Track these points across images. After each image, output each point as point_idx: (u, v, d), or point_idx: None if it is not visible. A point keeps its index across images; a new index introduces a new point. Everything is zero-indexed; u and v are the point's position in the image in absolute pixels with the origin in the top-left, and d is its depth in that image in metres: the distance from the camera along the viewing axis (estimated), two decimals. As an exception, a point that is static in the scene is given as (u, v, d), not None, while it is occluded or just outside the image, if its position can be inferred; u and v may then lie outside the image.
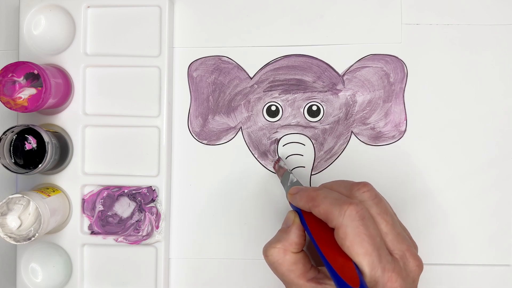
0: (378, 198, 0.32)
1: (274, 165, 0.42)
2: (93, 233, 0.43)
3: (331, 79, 0.43)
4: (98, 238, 0.42)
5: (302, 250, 0.33)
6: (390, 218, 0.31)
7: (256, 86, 0.43)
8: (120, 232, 0.42)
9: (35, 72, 0.38)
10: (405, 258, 0.30)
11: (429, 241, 0.42)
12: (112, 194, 0.43)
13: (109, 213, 0.43)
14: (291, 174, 0.39)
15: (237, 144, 0.43)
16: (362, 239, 0.29)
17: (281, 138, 0.43)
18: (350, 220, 0.29)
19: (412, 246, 0.31)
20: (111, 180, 0.43)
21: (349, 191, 0.32)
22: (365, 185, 0.32)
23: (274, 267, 0.33)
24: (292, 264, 0.32)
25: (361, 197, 0.32)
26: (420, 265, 0.31)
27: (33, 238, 0.37)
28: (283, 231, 0.34)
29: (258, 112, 0.43)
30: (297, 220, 0.34)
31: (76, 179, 0.42)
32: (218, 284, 0.43)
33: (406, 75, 0.43)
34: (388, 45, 0.43)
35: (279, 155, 0.43)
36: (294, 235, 0.33)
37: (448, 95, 0.43)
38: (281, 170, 0.41)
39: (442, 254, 0.42)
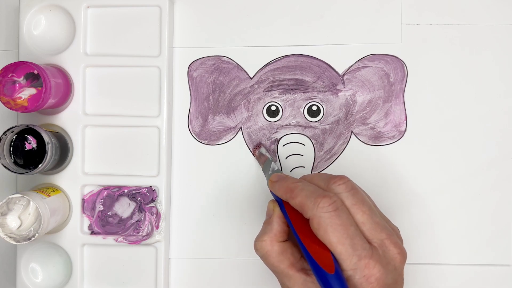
0: (354, 190, 0.32)
1: (254, 151, 0.42)
2: (93, 233, 0.43)
3: (331, 79, 0.43)
4: (98, 238, 0.42)
5: (289, 240, 0.34)
6: (367, 208, 0.32)
7: (256, 86, 0.43)
8: (120, 232, 0.42)
9: (35, 72, 0.38)
10: (384, 246, 0.31)
11: (429, 241, 0.42)
12: (112, 194, 0.43)
13: (109, 213, 0.43)
14: (272, 163, 0.39)
15: (237, 144, 0.43)
16: (334, 229, 0.30)
17: (281, 138, 0.43)
18: (323, 211, 0.30)
19: (393, 235, 0.32)
20: (111, 180, 0.43)
21: (326, 184, 0.33)
22: (341, 178, 0.33)
23: (264, 259, 0.33)
24: (280, 253, 0.33)
25: (336, 189, 0.32)
26: (401, 253, 0.31)
27: (33, 238, 0.37)
28: (267, 223, 0.34)
29: (258, 112, 0.43)
30: (277, 209, 0.34)
31: (76, 179, 0.42)
32: (218, 284, 0.43)
33: (406, 75, 0.43)
34: (388, 45, 0.43)
35: (259, 141, 0.43)
36: (277, 224, 0.34)
37: (448, 95, 0.43)
38: (262, 158, 0.41)
39: (442, 254, 0.42)
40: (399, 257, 0.31)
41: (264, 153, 0.41)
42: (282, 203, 0.34)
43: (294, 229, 0.32)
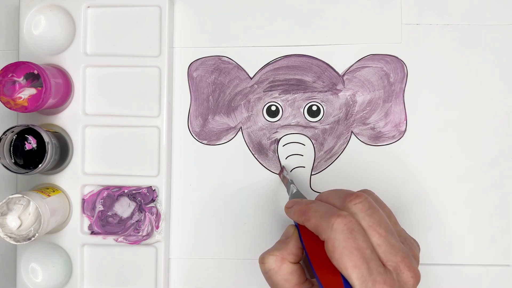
0: (371, 209, 0.31)
1: (279, 174, 0.43)
2: (93, 233, 0.43)
3: (331, 79, 0.43)
4: (98, 238, 0.42)
5: (299, 262, 0.33)
6: (384, 230, 0.31)
7: (256, 86, 0.43)
8: (120, 232, 0.42)
9: (35, 72, 0.38)
10: (398, 270, 0.30)
11: (429, 241, 0.42)
12: (112, 194, 0.43)
13: (109, 213, 0.43)
14: (291, 185, 0.39)
15: (237, 144, 0.43)
16: (350, 252, 0.29)
17: (281, 138, 0.43)
18: (338, 233, 0.29)
19: (408, 257, 0.31)
20: (111, 180, 0.43)
21: (342, 203, 0.32)
22: (358, 196, 0.31)
23: (269, 275, 0.32)
24: (288, 274, 0.32)
25: (353, 209, 0.31)
26: (415, 276, 0.30)
27: (33, 238, 0.37)
28: (282, 242, 0.33)
29: (258, 112, 0.43)
30: (296, 234, 0.33)
31: (76, 179, 0.42)
32: (218, 284, 0.43)
33: (406, 75, 0.43)
34: (388, 45, 0.43)
35: (282, 164, 0.43)
36: (293, 246, 0.33)
37: (448, 95, 0.43)
38: (285, 180, 0.41)
39: (442, 254, 0.42)
40: (412, 280, 0.30)
41: (286, 175, 0.41)
42: (298, 228, 0.34)
43: (307, 253, 0.31)
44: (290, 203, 0.35)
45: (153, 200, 0.42)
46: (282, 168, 0.43)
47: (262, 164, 0.43)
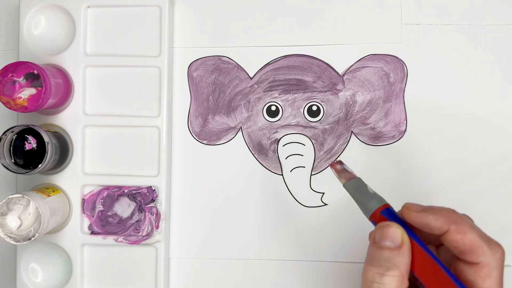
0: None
1: (335, 165, 0.36)
2: (93, 233, 0.43)
3: (331, 79, 0.43)
4: (98, 238, 0.42)
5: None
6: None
7: (256, 86, 0.43)
8: (120, 232, 0.42)
9: (35, 72, 0.38)
10: None
11: (429, 241, 0.42)
12: (112, 194, 0.43)
13: (109, 213, 0.43)
14: (368, 185, 0.33)
15: (237, 144, 0.43)
16: (500, 284, 0.28)
17: (281, 138, 0.43)
18: (500, 264, 0.28)
19: None
20: (111, 180, 0.43)
21: (486, 240, 0.30)
22: (499, 245, 0.29)
23: None
24: None
25: (497, 254, 0.29)
26: None
27: (33, 238, 0.37)
28: (394, 252, 0.28)
29: (258, 112, 0.43)
30: (409, 242, 0.28)
31: (76, 179, 0.42)
32: (218, 284, 0.43)
33: (406, 75, 0.43)
34: (388, 45, 0.43)
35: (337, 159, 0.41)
36: (408, 258, 0.28)
37: (448, 95, 0.43)
38: (347, 174, 0.35)
39: (442, 254, 0.42)
40: None
41: (350, 171, 0.35)
42: (415, 235, 0.29)
43: (450, 271, 0.28)
44: (416, 206, 0.30)
45: (153, 200, 0.42)
46: (341, 161, 0.37)
47: (262, 164, 0.43)
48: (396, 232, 0.28)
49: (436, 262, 0.27)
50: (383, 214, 0.30)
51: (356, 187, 0.33)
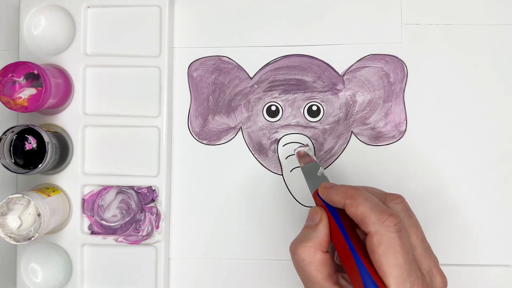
0: (409, 211, 0.32)
1: (299, 150, 0.40)
2: (93, 233, 0.43)
3: (331, 79, 0.43)
4: (98, 238, 0.42)
5: (328, 251, 0.32)
6: (420, 232, 0.31)
7: (256, 86, 0.43)
8: (120, 232, 0.42)
9: (35, 72, 0.38)
10: (431, 274, 0.30)
11: (428, 242, 0.42)
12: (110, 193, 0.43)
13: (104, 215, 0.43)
14: (321, 167, 0.37)
15: (237, 144, 0.43)
16: (396, 251, 0.29)
17: (281, 138, 0.43)
18: (387, 230, 0.29)
19: (438, 263, 0.31)
20: (111, 180, 0.43)
21: (382, 200, 0.32)
22: (398, 196, 0.32)
23: (301, 266, 0.31)
24: (321, 264, 0.31)
25: (394, 207, 0.31)
26: (445, 282, 0.30)
27: (33, 238, 0.37)
28: (311, 229, 0.32)
29: (258, 112, 0.43)
30: (325, 216, 0.33)
31: (76, 179, 0.42)
32: (218, 284, 0.43)
33: (406, 75, 0.43)
34: (388, 45, 0.43)
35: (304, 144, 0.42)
36: (323, 233, 0.32)
37: (448, 95, 0.43)
38: (307, 158, 0.39)
39: (441, 255, 0.42)
40: (443, 286, 0.30)
41: (312, 155, 0.39)
42: (335, 212, 0.33)
43: (350, 240, 0.31)
44: (329, 184, 0.34)
45: (153, 200, 0.42)
46: (307, 144, 0.41)
47: (262, 164, 0.43)
48: (316, 212, 0.33)
49: (343, 236, 0.31)
50: (318, 195, 0.34)
51: (309, 170, 0.37)
